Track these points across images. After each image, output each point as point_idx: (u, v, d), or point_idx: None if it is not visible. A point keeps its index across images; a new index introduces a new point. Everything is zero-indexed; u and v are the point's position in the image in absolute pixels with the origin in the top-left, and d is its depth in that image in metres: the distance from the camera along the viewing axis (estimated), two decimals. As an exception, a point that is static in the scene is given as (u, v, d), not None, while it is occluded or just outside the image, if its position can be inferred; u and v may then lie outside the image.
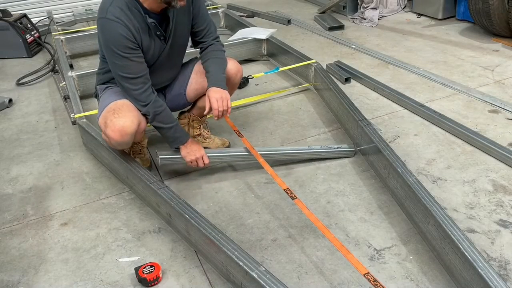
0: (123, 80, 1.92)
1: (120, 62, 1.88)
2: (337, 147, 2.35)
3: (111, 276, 1.73)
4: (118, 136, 1.93)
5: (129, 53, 1.86)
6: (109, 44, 1.85)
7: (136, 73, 1.91)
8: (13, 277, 1.75)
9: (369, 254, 1.75)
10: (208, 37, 2.16)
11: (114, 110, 1.94)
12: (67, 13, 5.17)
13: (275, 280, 1.44)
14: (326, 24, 4.41)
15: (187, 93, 2.27)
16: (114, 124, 1.92)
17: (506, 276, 1.62)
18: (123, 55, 1.86)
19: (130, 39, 1.84)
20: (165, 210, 1.92)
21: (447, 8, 4.45)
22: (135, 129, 1.95)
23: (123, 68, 1.89)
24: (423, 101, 2.85)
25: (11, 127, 2.92)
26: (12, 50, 4.12)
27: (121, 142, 1.97)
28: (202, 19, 2.12)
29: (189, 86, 2.25)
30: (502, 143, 2.33)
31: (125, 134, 1.93)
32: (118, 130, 1.92)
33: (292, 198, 1.91)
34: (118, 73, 1.91)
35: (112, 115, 1.93)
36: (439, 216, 1.65)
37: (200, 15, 2.10)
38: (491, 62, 3.42)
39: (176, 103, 2.30)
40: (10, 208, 2.15)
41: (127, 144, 2.06)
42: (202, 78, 2.19)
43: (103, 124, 1.98)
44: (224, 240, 1.62)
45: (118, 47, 1.84)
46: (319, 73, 2.92)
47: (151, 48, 1.97)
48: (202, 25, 2.13)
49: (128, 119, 1.93)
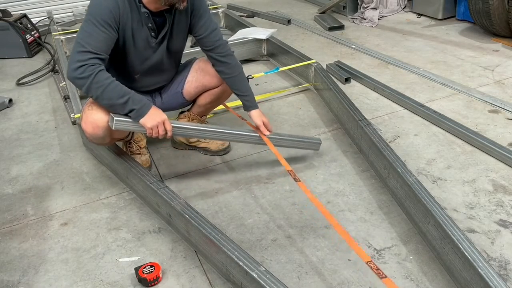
0: (76, 47, 1.75)
1: (87, 28, 1.76)
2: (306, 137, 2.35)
3: (111, 276, 1.73)
4: (90, 129, 1.90)
5: (104, 26, 1.76)
6: (91, 11, 1.78)
7: (94, 47, 1.74)
8: (13, 277, 1.75)
9: (369, 254, 1.75)
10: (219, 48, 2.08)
11: (92, 103, 1.91)
12: (67, 13, 5.17)
13: (275, 280, 1.44)
14: (326, 24, 4.41)
15: (186, 92, 2.24)
16: (87, 116, 1.90)
17: (506, 276, 1.62)
18: (96, 24, 1.75)
19: (114, 16, 1.78)
20: (165, 210, 1.92)
21: (447, 8, 4.45)
22: (107, 123, 1.89)
23: (87, 35, 1.75)
24: (423, 101, 2.85)
25: (11, 127, 2.92)
26: (12, 50, 4.12)
27: (94, 135, 1.93)
28: (205, 27, 2.04)
29: (188, 84, 2.23)
30: (502, 143, 2.33)
31: (97, 127, 1.90)
32: (90, 123, 1.90)
33: (296, 180, 1.90)
34: (78, 40, 1.76)
35: (87, 108, 1.92)
36: (439, 216, 1.65)
37: (202, 23, 2.04)
38: (491, 62, 3.42)
39: (173, 102, 2.28)
40: (10, 208, 2.15)
41: (102, 139, 1.98)
42: (203, 75, 2.18)
43: (80, 118, 1.97)
44: (224, 240, 1.62)
45: (96, 16, 1.75)
46: (319, 73, 2.92)
47: (138, 39, 1.92)
48: (205, 33, 2.05)
49: (101, 113, 1.88)
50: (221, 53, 2.09)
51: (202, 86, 2.22)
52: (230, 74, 2.12)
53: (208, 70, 2.19)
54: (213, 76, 2.18)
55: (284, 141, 2.23)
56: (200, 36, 2.06)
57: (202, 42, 2.08)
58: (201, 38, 2.06)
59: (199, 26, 2.04)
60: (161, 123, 1.86)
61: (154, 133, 1.87)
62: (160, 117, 1.86)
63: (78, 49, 1.74)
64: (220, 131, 2.11)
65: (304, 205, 2.03)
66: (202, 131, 2.07)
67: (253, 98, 2.17)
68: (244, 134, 2.16)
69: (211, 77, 2.19)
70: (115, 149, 2.21)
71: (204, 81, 2.20)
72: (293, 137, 2.29)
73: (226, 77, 2.13)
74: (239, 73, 2.14)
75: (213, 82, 2.21)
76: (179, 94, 2.25)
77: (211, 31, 2.05)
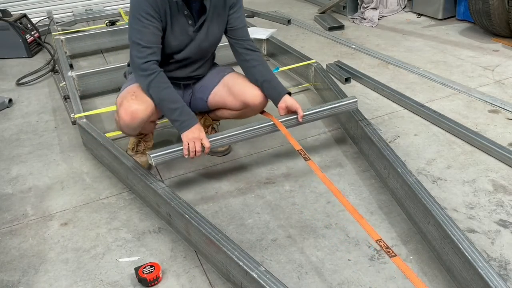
0: (133, 45, 1.94)
1: (136, 26, 1.92)
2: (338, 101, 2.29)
3: (111, 276, 1.73)
4: (129, 118, 1.97)
5: (147, 19, 1.89)
6: (133, 6, 1.92)
7: (147, 42, 1.92)
8: (13, 277, 1.75)
9: (369, 254, 1.75)
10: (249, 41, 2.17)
11: (134, 92, 1.98)
12: (67, 13, 5.18)
13: (275, 280, 1.44)
14: (326, 24, 4.41)
15: (210, 101, 2.27)
16: (129, 105, 1.96)
17: (506, 276, 1.62)
18: (140, 19, 1.89)
19: (153, 6, 1.88)
20: (165, 210, 1.92)
21: (447, 8, 4.45)
22: (147, 115, 1.98)
23: (137, 32, 1.92)
24: (423, 101, 2.85)
25: (11, 127, 2.92)
26: (12, 50, 4.12)
27: (130, 125, 2.00)
28: (240, 20, 2.13)
29: (213, 95, 2.24)
30: (502, 143, 2.33)
31: (136, 117, 1.97)
32: (130, 112, 1.96)
33: (306, 159, 1.91)
34: (131, 37, 1.94)
35: (130, 96, 1.97)
36: (439, 216, 1.65)
37: (238, 15, 2.12)
38: (491, 62, 3.42)
39: (197, 106, 2.31)
40: (10, 208, 2.15)
41: (134, 130, 2.07)
42: (228, 94, 2.20)
43: (119, 103, 2.01)
44: (224, 240, 1.62)
45: (139, 10, 1.89)
46: (319, 73, 2.92)
47: (176, 28, 1.98)
48: (240, 24, 2.13)
49: (143, 105, 1.96)
50: (250, 44, 2.16)
51: (223, 103, 2.24)
52: (259, 61, 2.16)
53: (234, 91, 2.19)
54: (237, 100, 2.18)
55: (321, 113, 2.22)
56: (235, 27, 2.13)
57: (235, 33, 2.14)
58: (236, 29, 2.13)
59: (235, 18, 2.11)
60: (199, 139, 1.94)
61: (191, 148, 1.94)
62: (200, 134, 1.95)
63: (135, 47, 1.92)
64: (245, 131, 2.12)
65: (304, 205, 2.03)
66: (233, 136, 2.10)
67: (281, 84, 2.18)
68: (264, 127, 2.15)
69: (234, 99, 2.19)
70: (115, 149, 2.21)
71: (227, 100, 2.22)
72: (327, 106, 2.25)
73: (256, 64, 2.15)
74: (264, 61, 2.19)
75: (234, 105, 2.21)
76: (203, 101, 2.28)
77: (244, 25, 2.16)
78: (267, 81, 2.14)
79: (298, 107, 2.12)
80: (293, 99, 2.13)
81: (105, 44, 4.08)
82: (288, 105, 2.11)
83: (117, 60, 3.89)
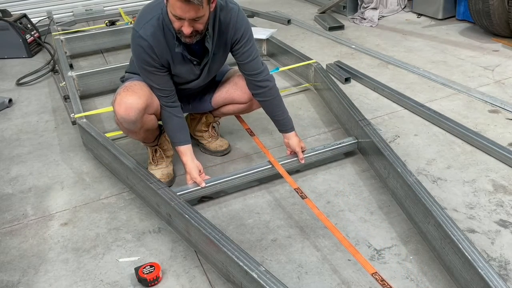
0: (154, 91, 2.01)
1: (145, 78, 1.99)
2: (338, 143, 2.32)
3: (111, 276, 1.73)
4: (123, 111, 1.91)
5: (151, 67, 1.93)
6: (134, 55, 1.96)
7: (158, 84, 1.98)
8: (13, 277, 1.75)
9: (369, 254, 1.75)
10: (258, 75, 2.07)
11: (127, 87, 1.96)
12: (67, 13, 5.18)
13: (275, 280, 1.44)
14: (326, 24, 4.41)
15: (214, 101, 2.27)
16: (122, 98, 1.92)
17: (506, 276, 1.62)
18: (145, 68, 1.94)
19: (152, 57, 1.88)
20: (165, 210, 1.92)
21: (447, 8, 4.45)
22: (142, 106, 1.91)
23: (150, 82, 1.99)
24: (423, 101, 2.85)
25: (11, 127, 2.92)
26: (12, 50, 4.12)
27: (126, 117, 1.92)
28: (247, 55, 2.03)
29: (218, 93, 2.25)
30: (502, 143, 2.33)
31: (130, 109, 1.90)
32: (123, 104, 1.91)
33: (303, 197, 1.93)
34: (151, 86, 2.00)
35: (123, 91, 1.95)
36: (439, 216, 1.65)
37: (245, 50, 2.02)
38: (491, 62, 3.42)
39: (200, 107, 2.33)
40: (10, 208, 2.15)
41: (133, 124, 1.97)
42: (235, 89, 2.21)
43: (114, 100, 1.99)
44: (224, 240, 1.62)
45: (141, 61, 1.92)
46: (319, 73, 2.92)
47: (182, 70, 1.99)
48: (246, 60, 2.03)
49: (136, 96, 1.92)
50: (258, 79, 2.07)
51: (230, 99, 2.24)
52: (266, 98, 2.12)
53: (240, 86, 2.19)
54: (244, 92, 2.19)
55: (322, 155, 2.27)
56: (242, 62, 2.05)
57: (243, 68, 2.07)
58: (243, 64, 2.05)
59: (241, 53, 2.03)
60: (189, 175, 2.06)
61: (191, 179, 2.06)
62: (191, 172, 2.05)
63: (156, 93, 2.01)
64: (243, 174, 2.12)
65: (304, 205, 2.03)
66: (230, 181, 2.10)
67: (289, 120, 2.18)
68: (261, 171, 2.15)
69: (242, 92, 2.20)
70: (115, 149, 2.21)
71: (234, 95, 2.22)
72: (327, 147, 2.28)
73: (262, 100, 2.14)
74: (275, 96, 2.13)
75: (243, 98, 2.22)
76: (207, 102, 2.29)
77: (252, 59, 2.04)
78: (274, 120, 2.19)
79: (298, 150, 2.16)
80: (297, 138, 2.18)
81: (105, 44, 4.08)
82: (290, 145, 2.19)
83: (117, 60, 3.89)
